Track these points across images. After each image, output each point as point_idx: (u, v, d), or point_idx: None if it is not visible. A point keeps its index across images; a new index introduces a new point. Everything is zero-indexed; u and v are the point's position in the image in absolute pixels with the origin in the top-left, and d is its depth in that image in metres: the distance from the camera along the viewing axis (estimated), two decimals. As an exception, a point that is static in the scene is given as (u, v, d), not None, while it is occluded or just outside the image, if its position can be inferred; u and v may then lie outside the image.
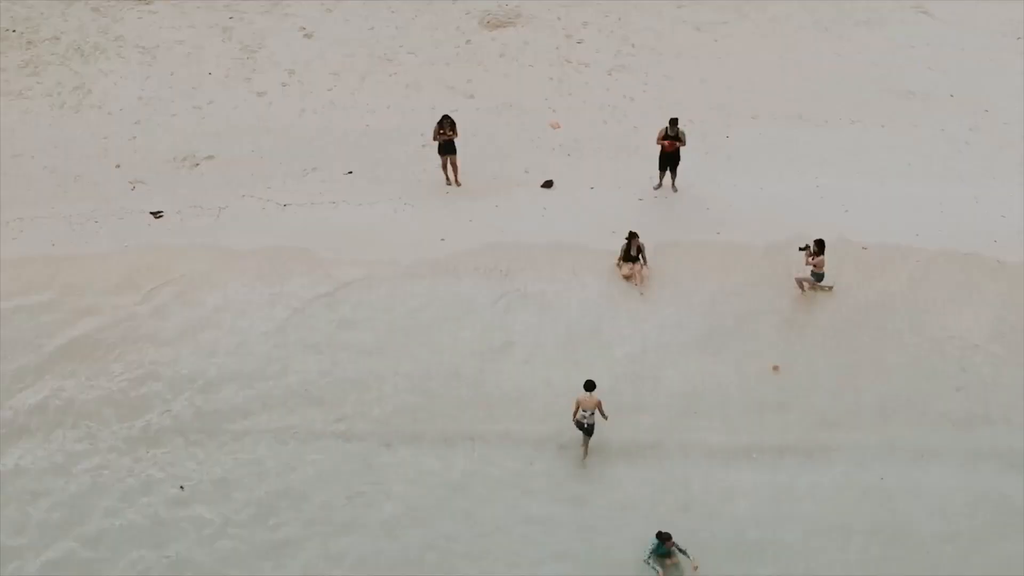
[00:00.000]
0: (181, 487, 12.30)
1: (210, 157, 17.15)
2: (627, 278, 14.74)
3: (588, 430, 12.23)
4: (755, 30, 20.12)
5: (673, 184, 16.25)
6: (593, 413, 12.18)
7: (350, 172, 16.83)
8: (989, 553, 11.42)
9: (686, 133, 15.69)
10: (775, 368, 13.52)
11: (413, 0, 20.74)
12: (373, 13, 20.51)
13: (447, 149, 16.00)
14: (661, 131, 15.65)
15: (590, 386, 12.15)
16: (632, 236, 14.59)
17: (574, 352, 13.71)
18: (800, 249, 14.20)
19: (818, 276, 14.23)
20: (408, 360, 13.64)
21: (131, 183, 16.57)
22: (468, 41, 19.92)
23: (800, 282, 14.34)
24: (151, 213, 15.96)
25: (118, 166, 16.97)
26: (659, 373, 13.46)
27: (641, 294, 14.60)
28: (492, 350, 13.74)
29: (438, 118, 15.96)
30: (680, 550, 11.04)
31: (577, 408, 12.18)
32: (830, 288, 14.52)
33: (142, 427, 13.00)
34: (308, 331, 13.97)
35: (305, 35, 20.08)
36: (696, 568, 11.05)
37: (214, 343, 13.89)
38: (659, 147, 15.78)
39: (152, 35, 20.00)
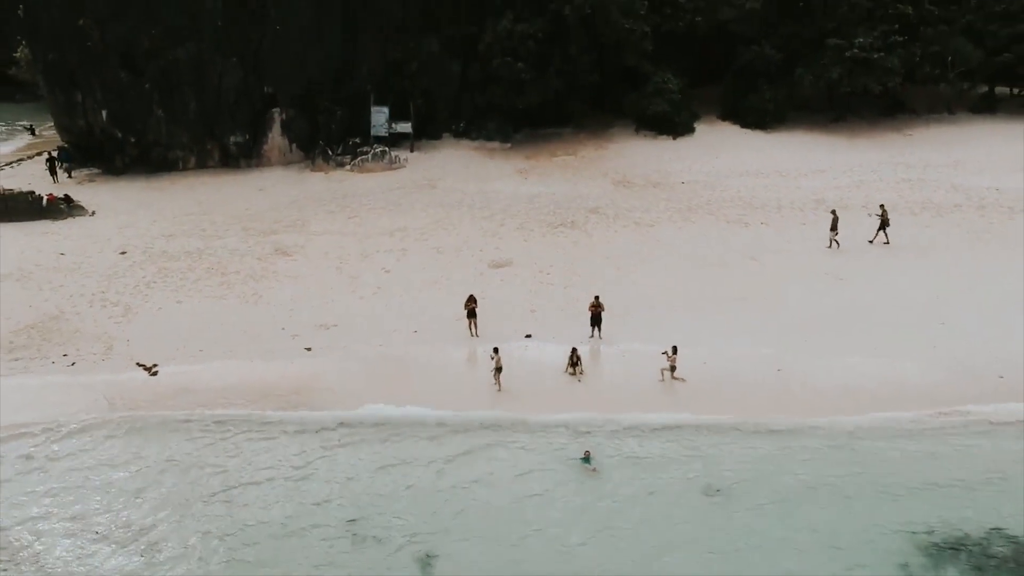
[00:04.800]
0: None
1: (335, 325, 29.86)
2: (571, 375, 26.77)
3: (499, 370, 25.24)
4: (652, 269, 34.01)
5: (599, 335, 28.81)
6: (499, 357, 24.99)
7: (415, 331, 29.45)
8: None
9: (605, 305, 28.63)
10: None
11: (449, 255, 34.96)
12: (426, 260, 34.61)
13: (471, 315, 28.80)
14: (591, 302, 28.64)
15: (496, 351, 25.20)
16: (573, 350, 26.85)
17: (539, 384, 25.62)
18: (662, 353, 26.42)
19: (673, 368, 26.32)
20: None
21: (292, 335, 29.13)
22: (481, 273, 33.69)
23: (662, 371, 26.37)
24: (305, 348, 28.34)
25: (283, 329, 29.61)
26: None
27: (579, 381, 26.54)
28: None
29: (466, 302, 28.97)
30: (592, 459, 22.06)
31: (492, 358, 24.99)
32: (684, 380, 26.49)
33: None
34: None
35: (385, 271, 33.92)
36: (595, 470, 22.02)
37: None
38: (590, 312, 28.65)
39: (294, 271, 33.82)
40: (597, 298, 28.64)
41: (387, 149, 48.79)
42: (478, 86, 50.68)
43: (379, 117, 49.86)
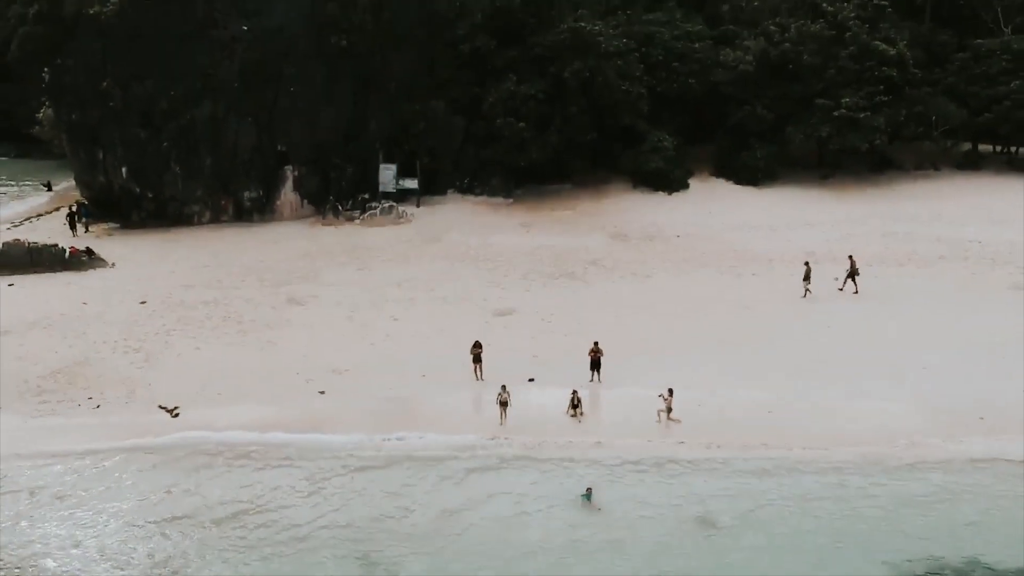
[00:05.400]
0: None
1: (347, 370, 31.31)
2: (572, 416, 28.14)
3: (505, 404, 26.91)
4: (648, 317, 35.60)
5: (599, 379, 30.23)
6: (507, 394, 26.59)
7: (423, 375, 30.89)
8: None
9: (604, 350, 30.12)
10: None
11: (455, 305, 36.63)
12: (433, 309, 36.26)
13: (477, 360, 30.29)
14: (590, 348, 30.15)
15: (504, 388, 26.91)
16: (574, 393, 28.26)
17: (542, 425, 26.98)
18: (659, 396, 27.82)
19: (669, 409, 27.69)
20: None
21: (306, 380, 30.57)
22: (486, 321, 35.25)
23: (659, 412, 27.73)
24: (319, 392, 29.77)
25: (297, 374, 31.05)
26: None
27: (580, 422, 27.88)
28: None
29: (472, 347, 30.51)
30: (593, 495, 23.33)
31: (498, 395, 26.50)
32: (679, 420, 27.84)
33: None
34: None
35: (394, 320, 35.52)
36: (598, 508, 23.27)
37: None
38: (589, 357, 30.14)
39: (307, 319, 35.43)
40: (596, 344, 30.17)
41: (395, 204, 50.84)
42: (482, 143, 52.88)
43: (387, 174, 52.01)
